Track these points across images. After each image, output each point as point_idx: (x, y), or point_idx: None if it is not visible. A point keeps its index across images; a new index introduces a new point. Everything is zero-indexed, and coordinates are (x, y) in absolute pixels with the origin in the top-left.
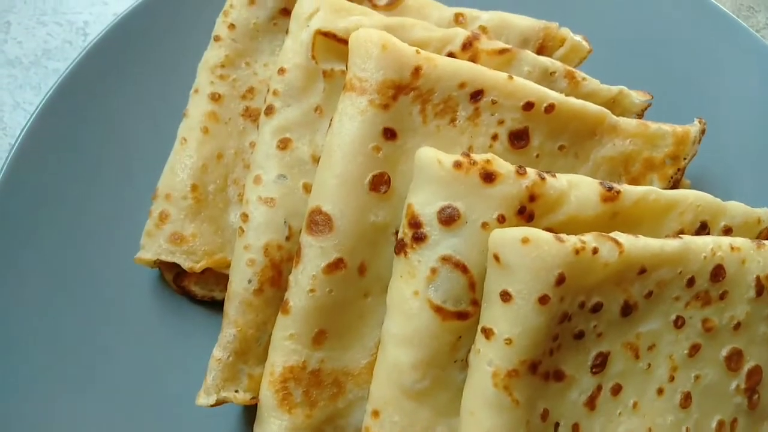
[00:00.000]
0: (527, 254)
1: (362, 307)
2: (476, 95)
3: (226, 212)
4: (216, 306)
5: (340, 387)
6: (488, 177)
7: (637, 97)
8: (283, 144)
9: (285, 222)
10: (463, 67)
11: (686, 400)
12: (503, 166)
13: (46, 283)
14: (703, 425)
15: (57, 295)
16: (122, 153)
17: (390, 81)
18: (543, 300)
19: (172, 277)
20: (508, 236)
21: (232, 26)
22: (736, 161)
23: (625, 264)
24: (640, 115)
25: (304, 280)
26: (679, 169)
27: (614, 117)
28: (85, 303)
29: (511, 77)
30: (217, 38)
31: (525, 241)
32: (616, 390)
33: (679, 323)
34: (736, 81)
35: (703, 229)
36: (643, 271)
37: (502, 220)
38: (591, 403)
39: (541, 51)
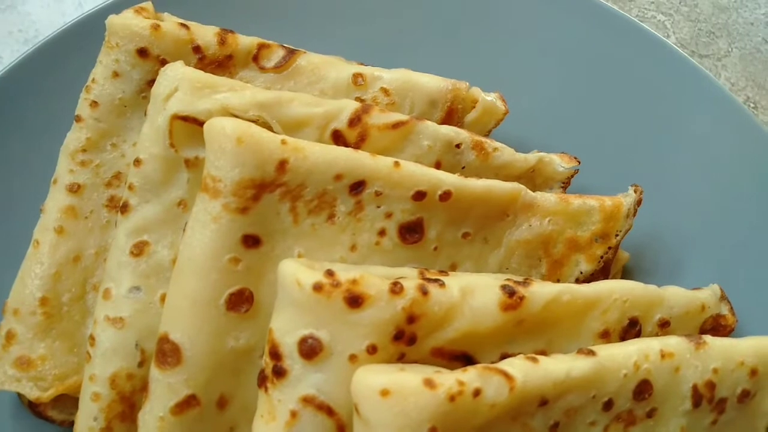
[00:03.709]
0: (388, 409)
1: None
2: (357, 187)
3: (83, 325)
4: None
5: None
6: (354, 301)
7: (561, 164)
8: (138, 249)
9: (137, 345)
10: (339, 156)
11: None
12: (373, 286)
13: None
14: None
15: None
16: None
17: (248, 180)
18: None
19: (27, 401)
20: (367, 386)
21: (94, 104)
22: (686, 224)
23: (519, 399)
24: (566, 183)
25: (152, 421)
26: (610, 248)
27: (530, 193)
28: None
29: (397, 163)
30: (78, 119)
31: (385, 393)
32: None
33: None
34: (686, 131)
35: (632, 326)
36: (544, 402)
37: (372, 351)
38: None
39: (451, 114)
